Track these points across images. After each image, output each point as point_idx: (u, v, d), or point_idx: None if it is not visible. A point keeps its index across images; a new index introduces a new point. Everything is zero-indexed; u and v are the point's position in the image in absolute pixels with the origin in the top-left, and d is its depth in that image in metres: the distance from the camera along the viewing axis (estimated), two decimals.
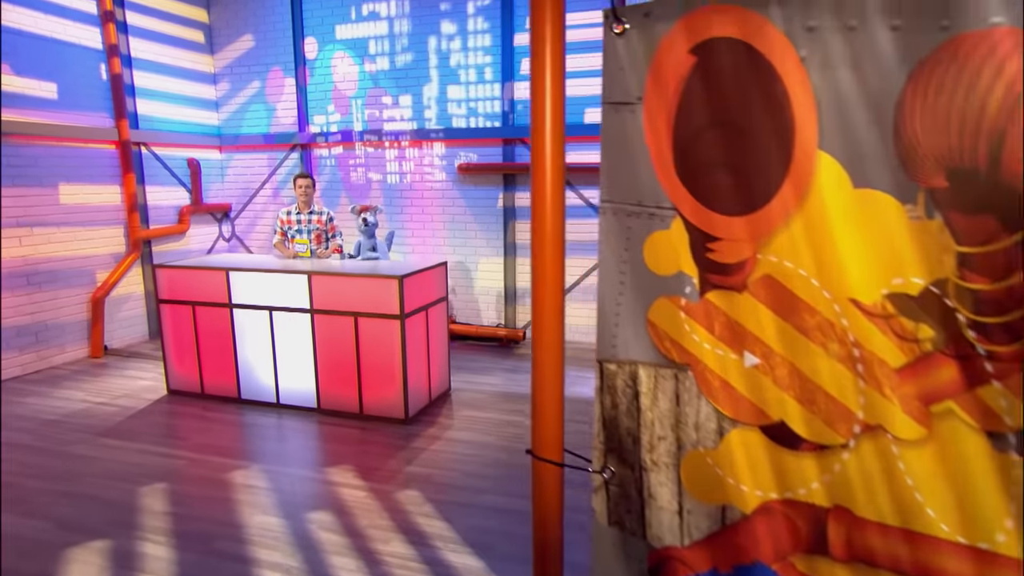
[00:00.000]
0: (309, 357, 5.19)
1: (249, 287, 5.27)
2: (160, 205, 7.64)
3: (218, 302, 5.38)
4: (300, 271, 5.10)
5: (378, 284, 4.87)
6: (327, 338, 5.11)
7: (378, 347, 4.96)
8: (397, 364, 4.93)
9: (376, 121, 7.75)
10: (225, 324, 5.40)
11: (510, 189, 7.31)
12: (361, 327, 4.97)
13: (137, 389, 5.90)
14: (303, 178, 5.97)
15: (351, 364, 5.07)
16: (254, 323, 5.31)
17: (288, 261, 5.64)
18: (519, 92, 7.14)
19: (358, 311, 4.95)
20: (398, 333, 4.87)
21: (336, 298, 5.01)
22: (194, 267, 5.45)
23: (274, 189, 8.35)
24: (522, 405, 5.42)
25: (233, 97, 8.32)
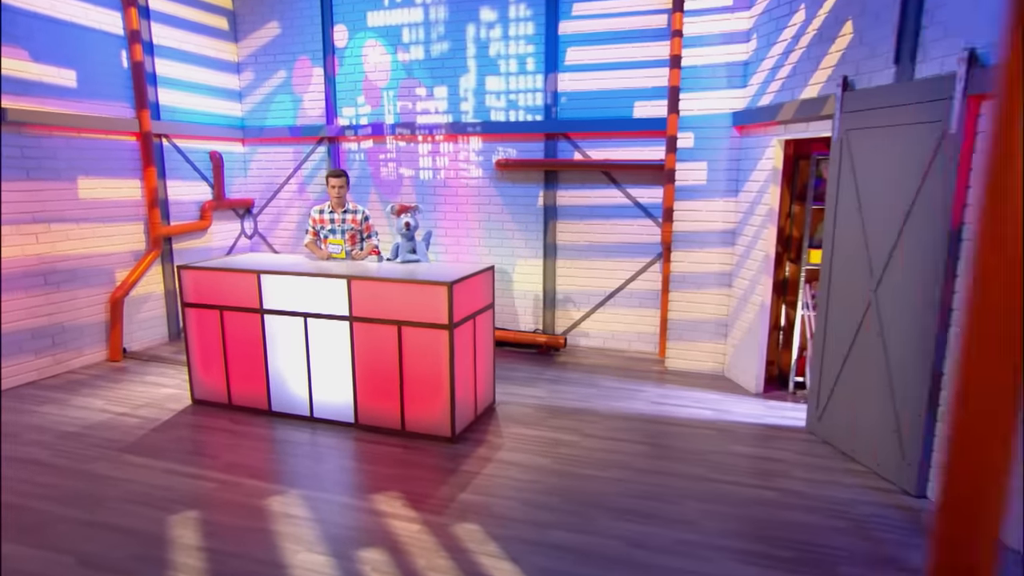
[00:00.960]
0: (347, 368, 4.80)
1: (282, 291, 4.88)
2: (181, 200, 7.27)
3: (248, 307, 4.99)
4: (339, 275, 4.71)
5: (425, 291, 4.46)
6: (367, 348, 4.71)
7: (423, 359, 4.56)
8: (444, 377, 4.53)
9: (409, 114, 7.34)
10: (255, 331, 5.01)
11: (551, 187, 6.89)
12: (405, 337, 4.57)
13: (159, 398, 5.53)
14: (336, 176, 5.57)
15: (393, 377, 4.67)
16: (287, 330, 4.92)
17: (324, 264, 5.25)
18: (563, 84, 6.71)
19: (402, 319, 4.55)
20: (446, 344, 4.47)
21: (378, 305, 4.61)
22: (222, 269, 5.06)
23: (299, 184, 7.96)
24: (572, 422, 5.01)
25: (257, 87, 7.93)
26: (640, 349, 6.90)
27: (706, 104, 5.78)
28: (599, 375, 6.15)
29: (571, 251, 6.97)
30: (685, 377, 6.10)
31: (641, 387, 5.82)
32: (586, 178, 6.81)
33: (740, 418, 5.10)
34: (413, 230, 5.57)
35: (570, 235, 6.95)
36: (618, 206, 6.73)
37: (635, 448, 4.57)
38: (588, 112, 6.67)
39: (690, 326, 6.19)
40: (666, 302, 6.56)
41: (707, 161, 5.86)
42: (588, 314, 7.03)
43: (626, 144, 6.60)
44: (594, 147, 6.72)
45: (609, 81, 6.56)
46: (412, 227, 5.54)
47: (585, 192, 6.83)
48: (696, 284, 6.09)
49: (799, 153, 5.52)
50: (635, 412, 5.23)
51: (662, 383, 5.93)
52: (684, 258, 6.10)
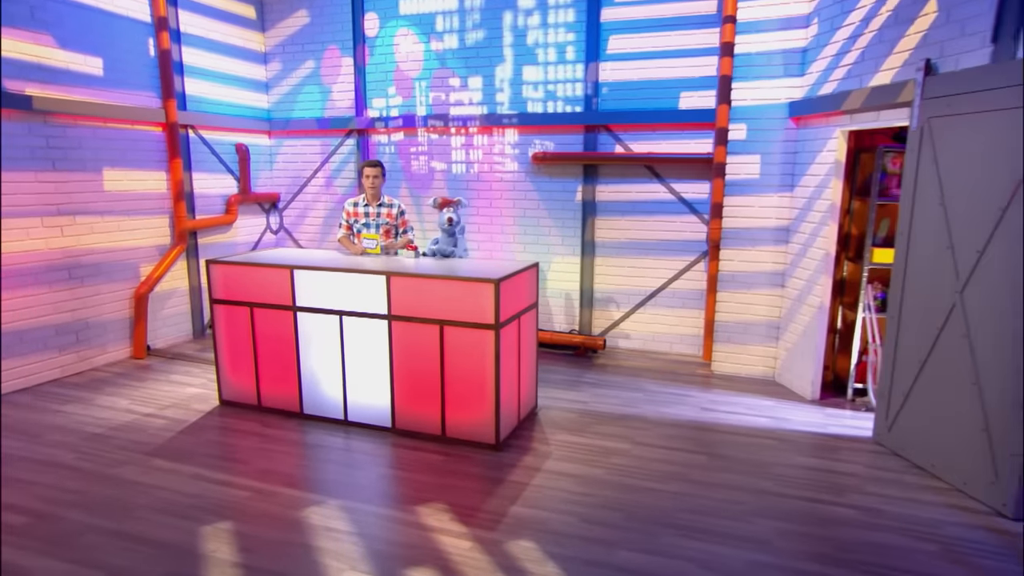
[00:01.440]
0: (384, 369, 4.54)
1: (317, 288, 4.63)
2: (206, 194, 7.05)
3: (280, 304, 4.75)
4: (378, 271, 4.45)
5: (470, 288, 4.19)
6: (406, 348, 4.45)
7: (467, 360, 4.30)
8: (489, 380, 4.26)
9: (442, 105, 7.08)
10: (288, 329, 4.77)
11: (591, 181, 6.60)
12: (448, 337, 4.31)
13: (186, 398, 5.30)
14: (372, 167, 5.32)
15: (434, 379, 4.41)
16: (321, 329, 4.68)
17: (359, 259, 5.00)
18: (604, 73, 6.41)
19: (444, 319, 4.28)
20: (491, 345, 4.20)
21: (419, 303, 4.35)
22: (253, 264, 4.82)
23: (327, 178, 7.73)
24: (620, 428, 4.72)
25: (285, 78, 7.70)
26: (682, 352, 6.60)
27: (760, 94, 5.46)
28: (642, 379, 5.85)
29: (610, 249, 6.68)
30: (733, 382, 5.79)
31: (688, 392, 5.52)
32: (627, 172, 6.51)
33: (799, 427, 4.79)
34: (456, 226, 5.31)
35: (610, 232, 6.66)
36: (661, 202, 6.43)
37: (692, 458, 4.27)
38: (631, 103, 6.38)
39: (739, 328, 5.87)
40: (712, 303, 6.25)
41: (760, 154, 5.55)
42: (627, 315, 6.73)
43: (671, 136, 6.30)
44: (636, 140, 6.42)
45: (653, 70, 6.26)
46: (455, 223, 5.28)
47: (626, 187, 6.54)
48: (746, 284, 5.78)
49: (859, 146, 5.19)
50: (686, 419, 4.93)
51: (709, 388, 5.63)
52: (734, 256, 5.78)
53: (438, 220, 5.41)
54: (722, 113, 5.83)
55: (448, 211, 5.34)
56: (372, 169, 5.31)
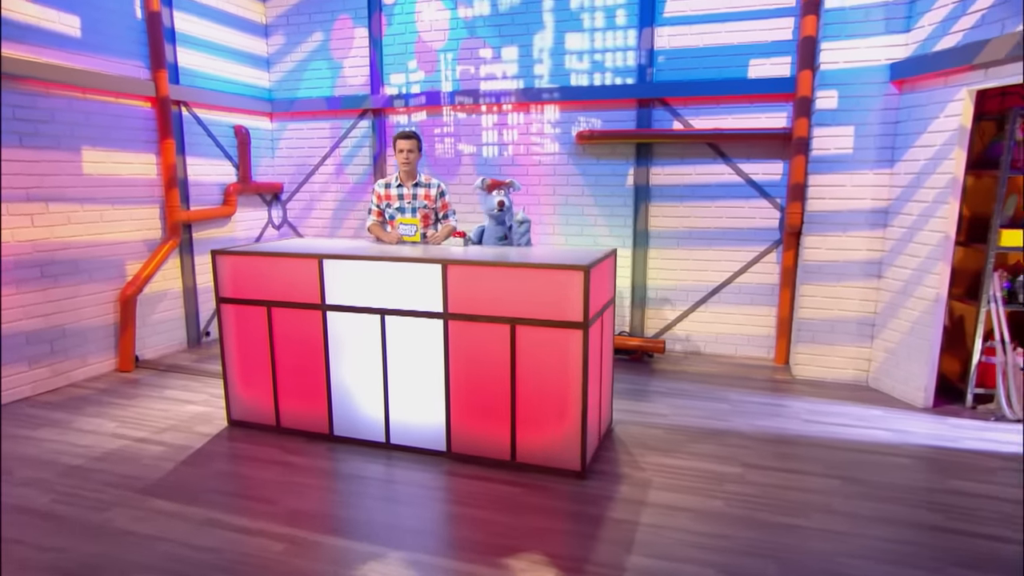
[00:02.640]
0: (438, 380, 3.69)
1: (353, 282, 3.77)
2: (202, 181, 6.14)
3: (306, 303, 3.88)
4: (431, 259, 3.60)
5: (552, 278, 3.36)
6: (466, 354, 3.60)
7: (546, 366, 3.46)
8: (574, 391, 3.43)
9: (471, 80, 6.25)
10: (315, 333, 3.90)
11: (644, 163, 5.81)
12: (521, 339, 3.46)
13: (186, 419, 4.39)
14: (406, 139, 4.47)
15: (502, 390, 3.56)
16: (357, 332, 3.81)
17: (394, 248, 4.15)
18: (660, 40, 5.64)
19: (518, 316, 3.44)
20: (578, 347, 3.36)
21: (484, 297, 3.50)
22: (273, 254, 3.94)
23: (337, 165, 6.85)
24: (719, 447, 3.91)
25: (289, 53, 6.82)
26: (749, 354, 5.81)
27: (855, 55, 4.71)
28: (716, 386, 5.05)
29: (667, 239, 5.88)
30: (821, 388, 5.01)
31: (778, 400, 4.72)
32: (687, 152, 5.73)
33: (927, 440, 4.01)
34: (507, 211, 4.49)
35: (666, 220, 5.86)
36: (726, 184, 5.66)
37: (823, 483, 3.47)
38: (691, 73, 5.60)
39: (825, 326, 5.10)
40: (787, 298, 5.48)
41: (854, 125, 4.79)
42: (685, 314, 5.94)
43: (738, 110, 5.53)
44: (697, 114, 5.64)
45: (718, 35, 5.49)
46: (506, 207, 4.46)
47: (686, 168, 5.75)
48: (835, 275, 5.01)
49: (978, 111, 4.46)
50: (791, 433, 4.13)
51: (799, 395, 4.84)
52: (820, 244, 5.02)
53: (484, 205, 4.60)
54: (804, 80, 5.07)
55: (498, 194, 4.53)
56: (406, 141, 4.46)
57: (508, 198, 4.50)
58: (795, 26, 5.25)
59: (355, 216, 6.84)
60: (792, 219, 5.25)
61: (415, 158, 4.51)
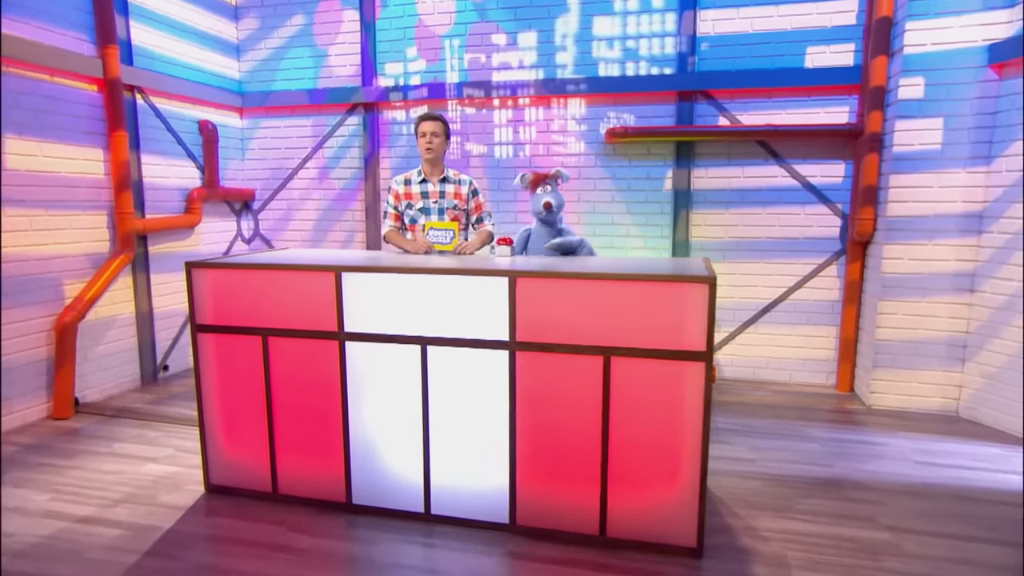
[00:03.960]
0: (501, 429, 2.79)
1: (382, 301, 2.85)
2: (160, 185, 5.09)
3: (317, 329, 2.93)
4: (494, 271, 2.72)
5: (664, 293, 2.53)
6: (541, 394, 2.72)
7: (651, 409, 2.61)
8: (691, 441, 2.59)
9: (481, 70, 5.43)
10: (329, 368, 2.95)
11: (684, 164, 5.08)
12: (618, 373, 2.61)
13: (147, 484, 3.34)
14: (431, 120, 3.60)
15: (590, 442, 2.69)
16: (388, 367, 2.89)
17: (440, 258, 3.26)
18: (704, 25, 4.96)
19: (615, 345, 2.59)
20: (698, 384, 2.54)
21: (567, 320, 2.64)
22: (269, 266, 2.99)
23: (320, 169, 5.89)
24: (843, 503, 3.13)
25: (263, 39, 5.86)
26: (807, 380, 5.10)
27: (947, 36, 4.11)
28: (788, 419, 4.30)
29: (710, 251, 5.15)
30: (907, 420, 4.32)
31: (869, 437, 3.99)
32: (734, 151, 5.03)
33: None
34: (556, 213, 3.67)
35: (709, 229, 5.13)
36: (779, 188, 4.98)
37: (999, 553, 2.72)
38: (738, 62, 4.93)
39: (907, 348, 4.43)
40: (851, 316, 4.81)
41: (943, 116, 4.18)
42: (733, 335, 5.20)
43: (792, 104, 4.88)
44: (746, 109, 4.96)
45: (769, 20, 4.85)
46: (555, 208, 3.63)
47: (732, 170, 5.05)
48: (919, 289, 4.36)
49: None
50: (914, 482, 3.39)
51: (887, 429, 4.13)
52: (902, 253, 4.36)
53: (531, 206, 3.76)
54: (877, 68, 4.44)
55: (544, 193, 3.70)
56: (431, 123, 3.59)
57: (557, 196, 3.68)
58: (860, 8, 4.64)
59: (341, 228, 5.88)
60: (863, 226, 4.59)
61: (441, 145, 3.64)
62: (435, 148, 3.61)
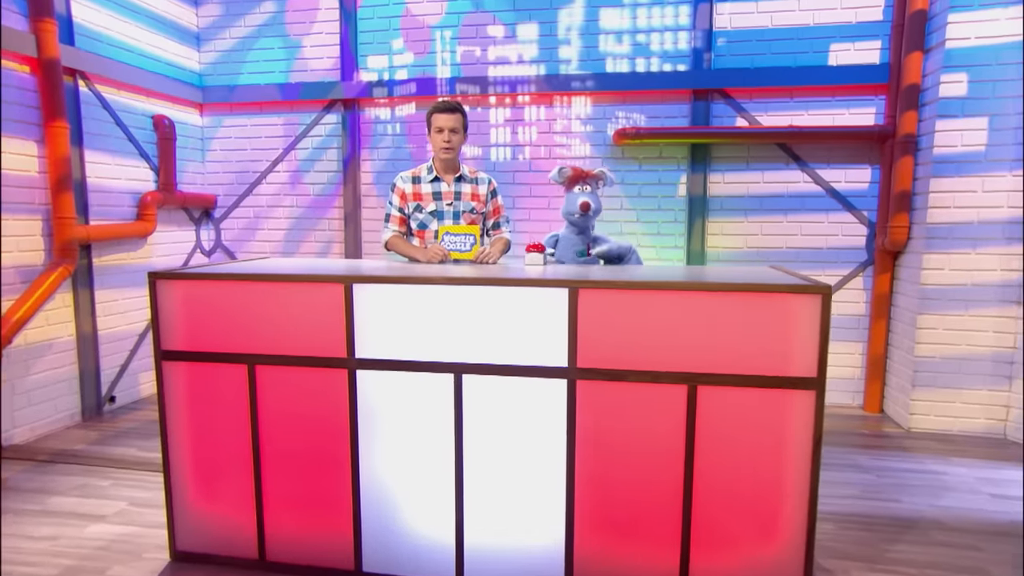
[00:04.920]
0: (556, 475, 2.26)
1: (405, 320, 2.30)
2: (107, 186, 4.39)
3: (320, 355, 2.35)
4: (551, 280, 2.21)
5: (765, 307, 2.07)
6: (607, 431, 2.21)
7: (747, 449, 2.13)
8: (796, 488, 2.12)
9: (475, 64, 4.94)
10: (335, 403, 2.37)
11: (700, 168, 4.69)
12: (706, 405, 2.13)
13: (93, 551, 2.67)
14: (449, 112, 3.08)
15: (668, 490, 2.19)
16: (412, 401, 2.33)
17: (464, 268, 2.73)
18: (721, 19, 4.60)
19: (701, 371, 2.11)
20: (807, 418, 2.08)
21: (640, 341, 2.15)
22: (258, 277, 2.40)
23: (292, 173, 5.27)
24: (941, 549, 2.72)
25: (227, 27, 5.24)
26: (830, 401, 4.73)
27: (992, 29, 3.85)
28: (829, 445, 3.89)
29: (728, 263, 4.76)
30: (953, 444, 3.98)
31: (923, 465, 3.62)
32: (754, 154, 4.68)
33: None
34: (592, 217, 3.19)
35: (727, 239, 4.75)
36: (801, 195, 4.63)
37: None
38: (758, 59, 4.59)
39: (950, 366, 4.11)
40: (880, 332, 4.48)
41: (988, 116, 3.90)
42: None
43: (815, 104, 4.56)
44: (766, 109, 4.62)
45: (791, 14, 4.53)
46: (593, 211, 3.16)
47: (751, 175, 4.69)
48: (962, 302, 4.05)
49: None
50: (1000, 520, 3.01)
51: (937, 455, 3.77)
52: (943, 264, 4.05)
53: (563, 207, 3.27)
54: (912, 65, 4.15)
55: (582, 192, 3.22)
56: (448, 116, 3.07)
57: (596, 199, 3.20)
58: (888, 3, 4.36)
59: (316, 239, 5.26)
60: (896, 235, 4.27)
61: (459, 142, 3.12)
62: (454, 146, 3.09)
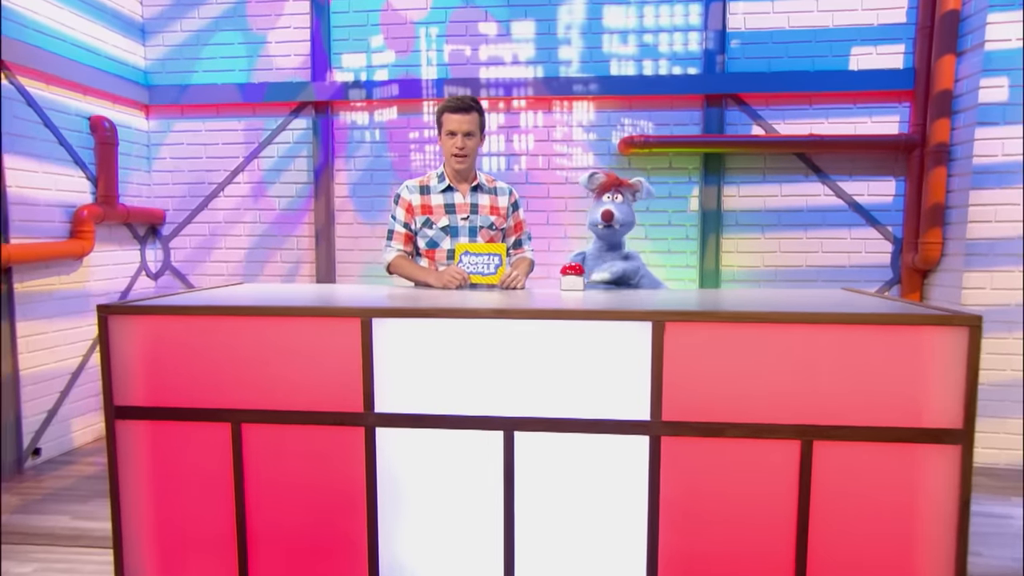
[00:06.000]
0: (634, 555, 1.84)
1: (433, 363, 1.85)
2: (32, 199, 3.79)
3: (327, 411, 1.88)
4: (630, 312, 1.80)
5: (899, 341, 1.72)
6: (699, 499, 1.81)
7: (875, 518, 1.76)
8: (936, 568, 1.75)
9: (465, 65, 4.55)
10: (347, 470, 1.91)
11: (713, 180, 4.40)
12: (824, 464, 1.76)
13: None
14: (463, 112, 2.66)
15: (779, 569, 1.80)
16: (445, 466, 1.89)
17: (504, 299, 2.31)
18: (735, 19, 4.35)
19: (818, 422, 1.74)
20: (951, 479, 1.73)
21: (742, 387, 1.76)
22: (244, 311, 1.92)
23: (255, 185, 4.74)
24: None
25: (178, 17, 4.70)
26: None
27: None
28: None
29: (745, 282, 4.47)
30: (1001, 479, 3.74)
31: (990, 508, 3.35)
32: (771, 165, 4.42)
33: None
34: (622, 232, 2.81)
35: (743, 257, 4.46)
36: (821, 209, 4.39)
37: None
38: (774, 63, 4.35)
39: (995, 393, 3.88)
40: None
41: None
42: None
43: (836, 112, 4.33)
44: (784, 116, 4.37)
45: (809, 15, 4.31)
46: (618, 222, 2.77)
47: (768, 188, 4.42)
48: (1006, 324, 3.84)
49: None
50: None
51: (996, 495, 3.52)
52: (984, 283, 3.84)
53: (588, 217, 2.87)
54: (945, 69, 3.96)
55: (608, 201, 2.83)
56: (463, 117, 2.65)
57: (624, 210, 2.81)
58: (912, 4, 4.18)
59: (283, 259, 4.74)
60: (928, 252, 4.05)
61: (475, 147, 2.70)
62: (468, 152, 2.66)
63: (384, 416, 1.88)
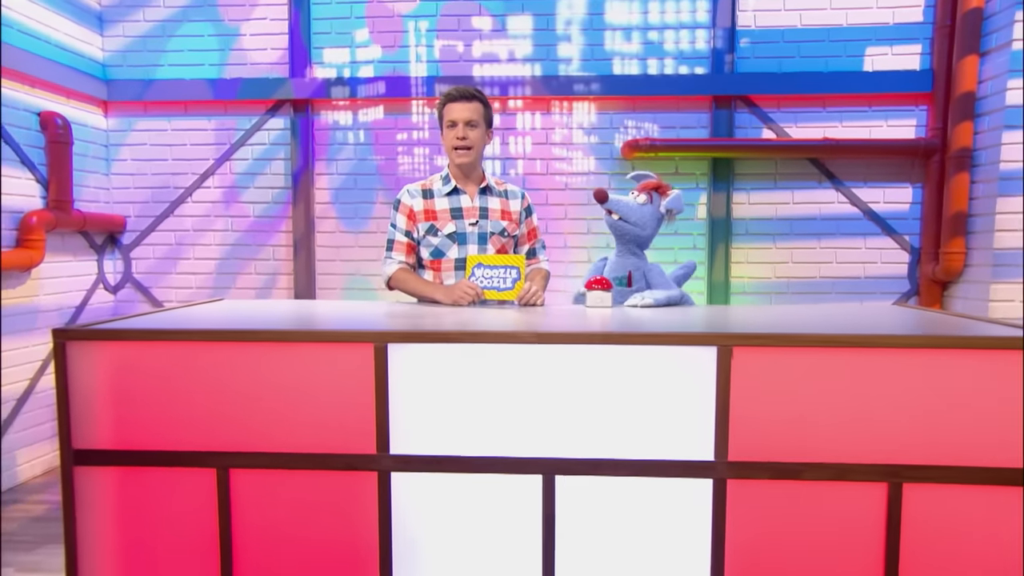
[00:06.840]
0: None
1: (459, 396, 1.61)
2: None
3: (332, 453, 1.63)
4: (691, 336, 1.59)
5: (1003, 367, 1.53)
6: (770, 550, 1.60)
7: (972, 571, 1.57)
8: None
9: (458, 62, 4.33)
10: (357, 522, 1.65)
11: (722, 186, 4.24)
12: (916, 510, 1.56)
13: None
14: (465, 100, 2.43)
15: None
16: (474, 516, 1.64)
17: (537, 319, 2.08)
18: (744, 17, 4.21)
19: (908, 462, 1.55)
20: None
21: (819, 421, 1.56)
22: (231, 335, 1.66)
23: (227, 190, 4.45)
24: None
25: (141, 5, 4.39)
26: None
27: None
28: None
29: (756, 296, 4.31)
30: None
31: None
32: (782, 171, 4.27)
33: None
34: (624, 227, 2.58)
35: (754, 268, 4.31)
36: (835, 217, 4.26)
37: None
38: (786, 63, 4.22)
39: None
40: None
41: None
42: None
43: (850, 115, 4.21)
44: (796, 119, 4.24)
45: (822, 13, 4.19)
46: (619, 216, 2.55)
47: (780, 195, 4.28)
48: None
49: None
50: None
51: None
52: (1013, 294, 3.73)
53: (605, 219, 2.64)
54: (967, 70, 3.86)
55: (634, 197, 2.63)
56: (463, 106, 2.42)
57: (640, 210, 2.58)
58: (929, 2, 4.09)
59: (257, 271, 4.44)
60: (951, 262, 3.93)
61: (480, 139, 2.47)
62: (473, 144, 2.43)
63: (401, 458, 1.63)
